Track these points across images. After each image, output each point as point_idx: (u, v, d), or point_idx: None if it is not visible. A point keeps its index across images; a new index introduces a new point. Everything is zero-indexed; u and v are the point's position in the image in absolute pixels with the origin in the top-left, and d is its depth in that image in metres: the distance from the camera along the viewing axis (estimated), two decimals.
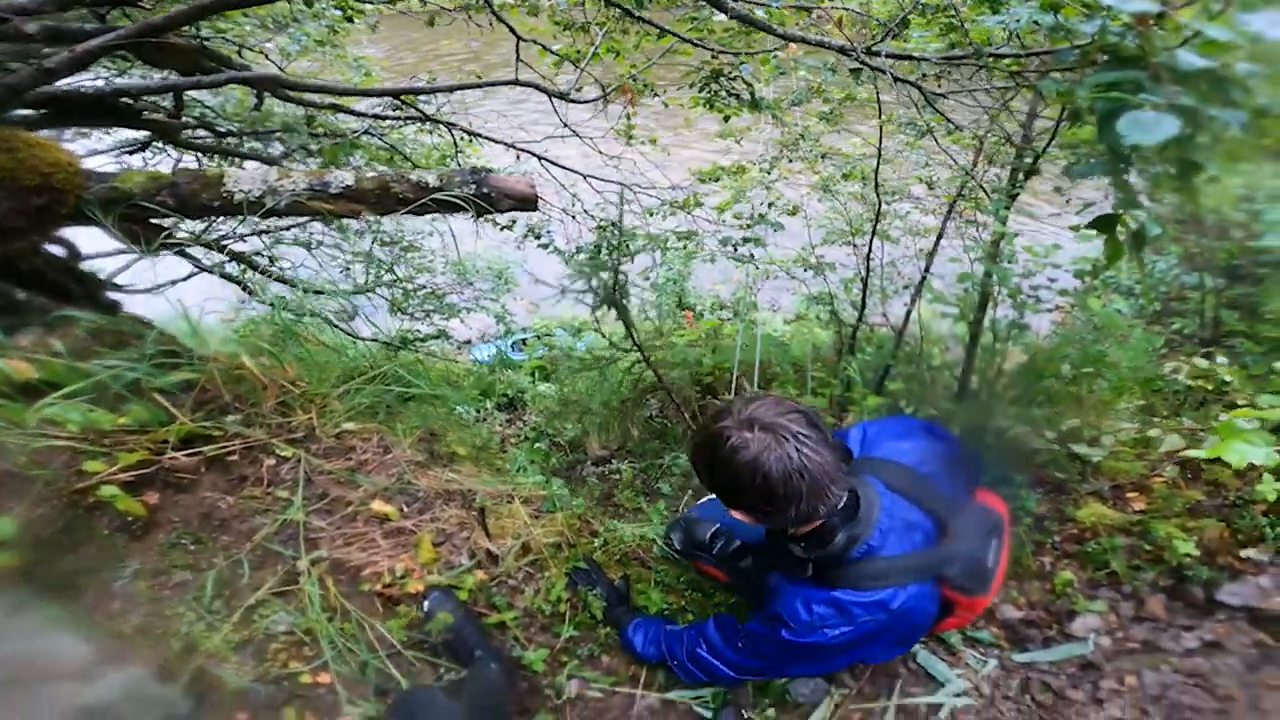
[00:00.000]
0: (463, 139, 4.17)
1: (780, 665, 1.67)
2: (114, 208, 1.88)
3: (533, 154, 3.92)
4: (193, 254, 3.40)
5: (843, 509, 1.45)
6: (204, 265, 3.55)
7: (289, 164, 3.49)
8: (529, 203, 2.17)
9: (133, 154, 3.61)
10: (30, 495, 1.62)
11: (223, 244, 3.31)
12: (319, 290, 2.55)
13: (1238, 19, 1.20)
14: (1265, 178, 3.04)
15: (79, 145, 3.42)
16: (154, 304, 2.33)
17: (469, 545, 1.95)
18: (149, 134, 3.42)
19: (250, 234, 3.48)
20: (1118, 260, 1.46)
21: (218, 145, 3.65)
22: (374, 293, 3.34)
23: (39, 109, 2.31)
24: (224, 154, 3.64)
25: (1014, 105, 3.03)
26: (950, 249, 3.42)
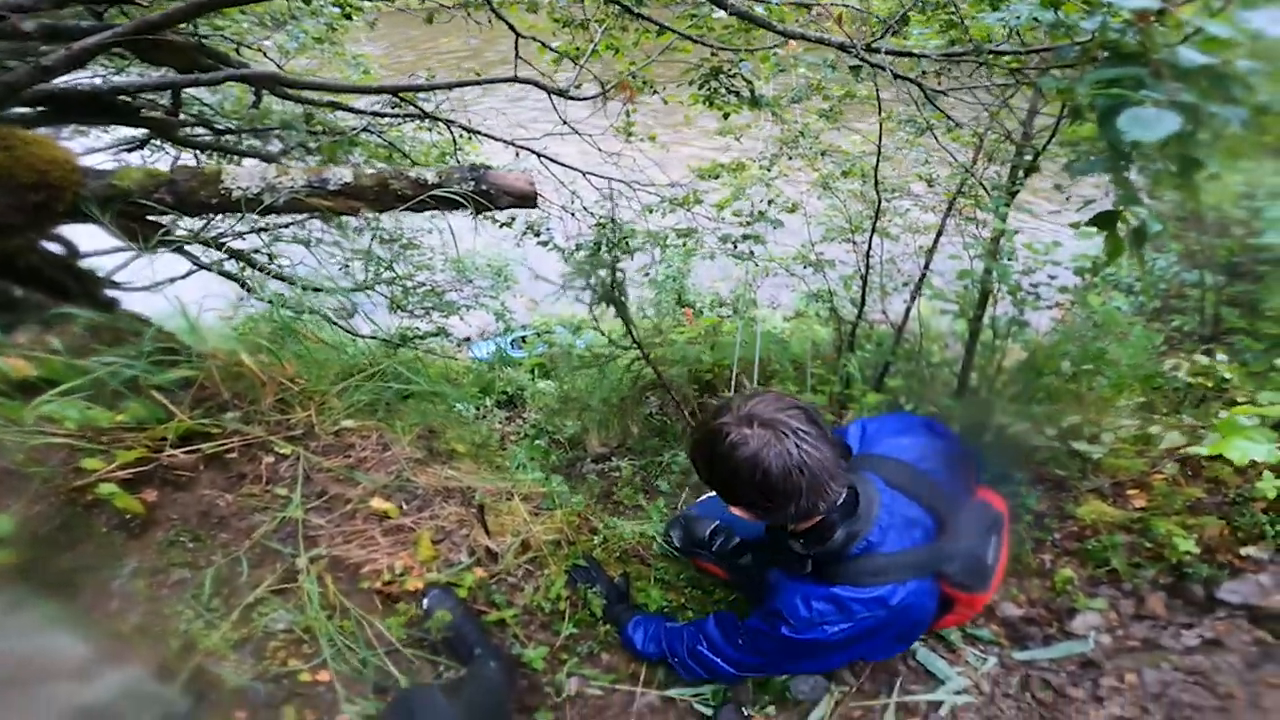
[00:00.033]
0: (462, 136, 4.16)
1: (780, 662, 1.67)
2: (111, 205, 1.88)
3: (532, 151, 3.91)
4: (191, 251, 3.39)
5: (842, 505, 1.45)
6: (202, 263, 3.54)
7: (287, 161, 3.49)
8: (528, 199, 2.17)
9: (131, 152, 3.59)
10: (28, 493, 1.61)
11: (221, 241, 3.31)
12: (318, 287, 2.54)
13: (1238, 16, 1.20)
14: (1265, 175, 3.04)
15: (77, 143, 3.40)
16: (153, 302, 2.33)
17: (468, 543, 1.94)
18: (147, 132, 3.41)
19: (249, 231, 3.47)
20: (1118, 257, 1.46)
21: (216, 143, 3.64)
22: (373, 290, 3.34)
23: (36, 107, 2.31)
24: (223, 151, 3.63)
25: (1014, 102, 3.02)
26: (950, 246, 3.42)
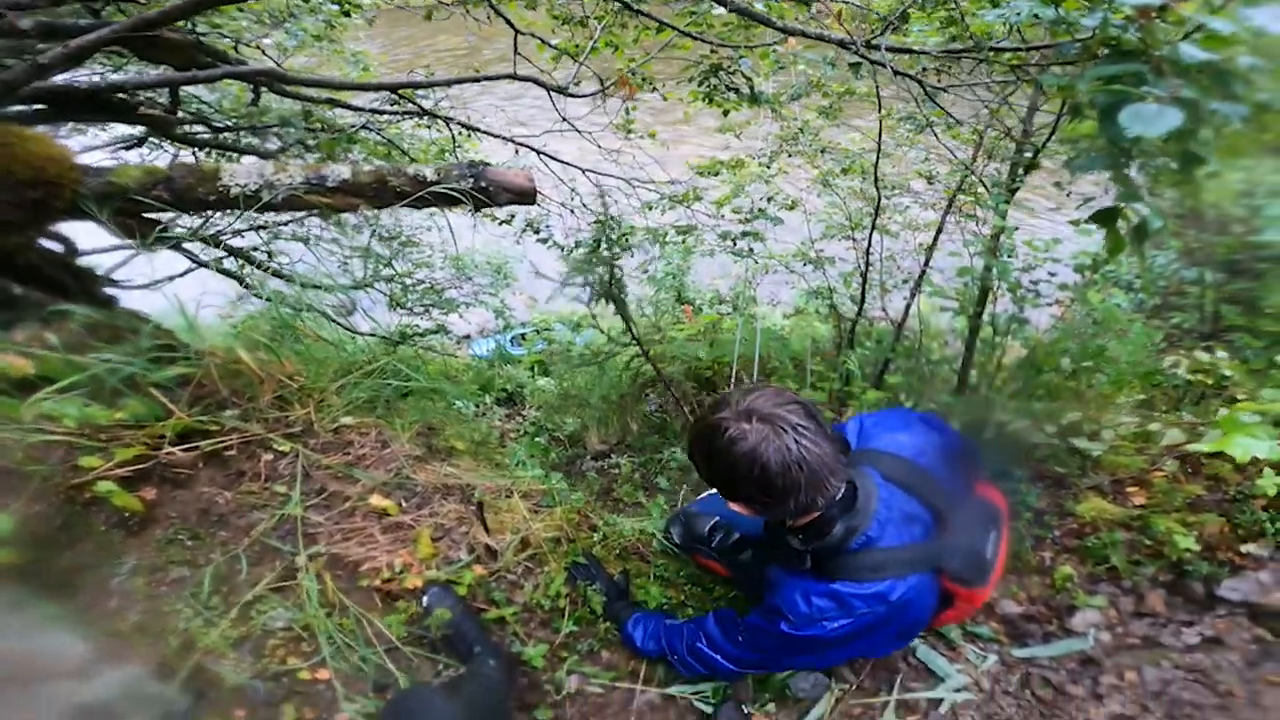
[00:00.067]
0: (461, 134, 4.16)
1: (779, 658, 1.67)
2: (109, 202, 1.88)
3: (531, 148, 3.91)
4: (190, 249, 3.38)
5: (840, 500, 1.45)
6: (201, 260, 3.53)
7: (286, 159, 3.48)
8: (527, 196, 2.16)
9: (129, 149, 3.59)
10: (26, 491, 1.61)
11: (220, 239, 3.30)
12: (317, 285, 2.54)
13: (1240, 13, 1.19)
14: (1265, 173, 3.04)
15: (75, 141, 3.40)
16: (151, 300, 2.32)
17: (468, 540, 1.94)
18: (145, 129, 3.40)
19: (248, 229, 3.46)
20: (1119, 253, 1.45)
21: (215, 140, 3.64)
22: (373, 287, 3.33)
23: (34, 105, 2.30)
24: (221, 149, 3.63)
25: (1014, 100, 3.02)
26: (950, 243, 3.41)
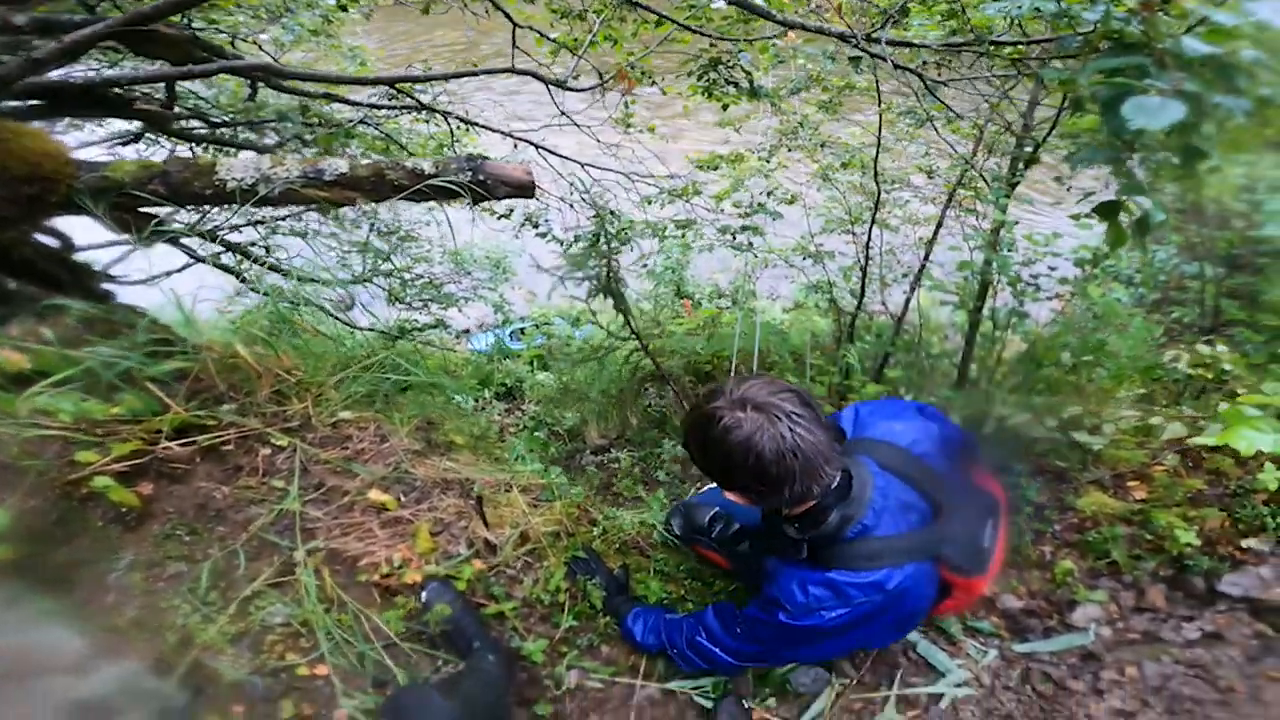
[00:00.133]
0: (459, 128, 4.14)
1: (778, 650, 1.66)
2: (105, 197, 1.87)
3: (529, 143, 3.90)
4: (187, 244, 3.37)
5: (836, 489, 1.45)
6: (198, 255, 3.52)
7: (283, 153, 3.47)
8: (526, 189, 2.15)
9: (126, 145, 3.57)
10: (22, 487, 1.60)
11: (217, 234, 3.29)
12: (315, 279, 2.53)
13: (1243, 6, 1.18)
14: (1267, 168, 3.04)
15: (71, 137, 3.39)
16: (148, 295, 2.31)
17: (467, 535, 1.94)
18: (142, 125, 3.39)
19: (246, 224, 3.45)
20: (1120, 246, 1.44)
21: (211, 135, 3.62)
22: (371, 282, 3.32)
23: (29, 100, 2.29)
24: (218, 144, 3.61)
25: (1014, 94, 3.01)
26: (950, 237, 3.40)
